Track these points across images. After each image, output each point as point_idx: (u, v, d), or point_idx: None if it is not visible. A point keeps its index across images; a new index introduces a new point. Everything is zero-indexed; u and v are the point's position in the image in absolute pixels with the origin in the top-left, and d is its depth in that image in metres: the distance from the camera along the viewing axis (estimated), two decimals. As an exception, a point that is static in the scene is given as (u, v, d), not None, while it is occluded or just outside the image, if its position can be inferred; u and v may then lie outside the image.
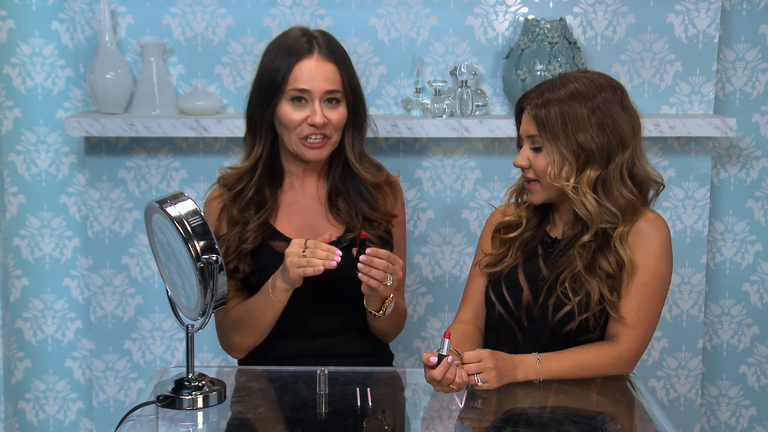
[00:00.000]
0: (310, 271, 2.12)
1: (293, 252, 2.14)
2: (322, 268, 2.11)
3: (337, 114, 2.32)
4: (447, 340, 1.96)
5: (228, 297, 1.98)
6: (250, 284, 2.36)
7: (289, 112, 2.30)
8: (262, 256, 2.34)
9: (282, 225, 2.38)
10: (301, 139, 2.31)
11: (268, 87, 2.31)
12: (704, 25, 2.94)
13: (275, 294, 2.23)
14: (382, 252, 2.14)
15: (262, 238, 2.35)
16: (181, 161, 2.98)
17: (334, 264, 2.12)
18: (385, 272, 2.13)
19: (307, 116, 2.29)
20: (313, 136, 2.31)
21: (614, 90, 2.15)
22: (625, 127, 2.13)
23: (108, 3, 2.85)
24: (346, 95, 2.33)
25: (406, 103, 2.95)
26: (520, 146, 2.22)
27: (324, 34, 2.36)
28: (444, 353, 1.95)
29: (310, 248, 2.13)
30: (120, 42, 2.92)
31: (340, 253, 2.12)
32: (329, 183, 2.41)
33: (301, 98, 2.29)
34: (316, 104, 2.29)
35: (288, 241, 2.31)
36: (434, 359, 1.96)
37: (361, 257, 2.12)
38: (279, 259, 2.24)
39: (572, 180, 2.11)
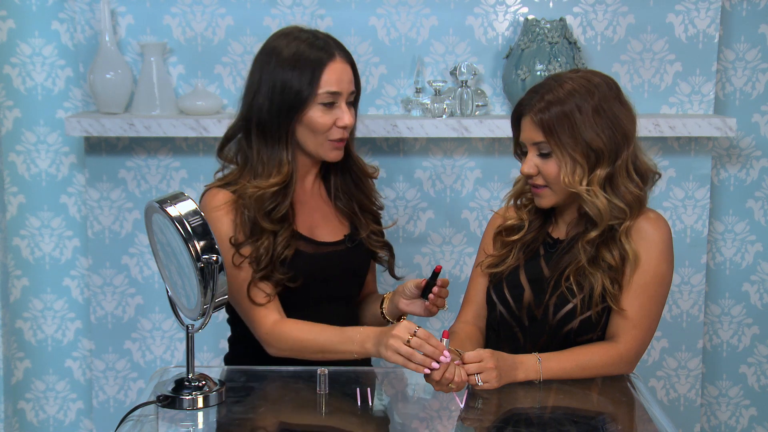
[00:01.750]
0: (411, 366, 1.98)
1: (400, 336, 1.99)
2: (427, 371, 1.97)
3: (354, 114, 2.33)
4: (446, 340, 1.97)
5: (267, 301, 2.19)
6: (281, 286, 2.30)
7: (319, 116, 2.26)
8: (290, 261, 2.28)
9: (298, 225, 2.34)
10: (330, 141, 2.30)
11: (294, 97, 2.25)
12: (704, 25, 2.94)
13: (360, 352, 2.13)
14: (446, 282, 2.24)
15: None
16: (181, 161, 2.98)
17: (432, 370, 1.97)
18: (444, 300, 2.24)
19: (336, 118, 2.28)
20: (340, 137, 2.31)
21: (610, 86, 2.15)
22: (626, 122, 2.13)
23: (108, 3, 2.85)
24: (356, 95, 2.35)
25: (406, 103, 2.95)
26: (517, 154, 2.21)
27: (329, 36, 2.34)
28: (444, 352, 1.96)
29: (418, 341, 1.99)
30: (120, 42, 2.92)
31: (448, 356, 1.98)
32: (332, 180, 2.41)
33: (332, 102, 2.28)
34: (344, 105, 2.29)
35: (308, 240, 2.31)
36: (434, 359, 1.96)
37: (434, 289, 2.20)
38: (306, 260, 2.26)
39: (584, 182, 2.11)
